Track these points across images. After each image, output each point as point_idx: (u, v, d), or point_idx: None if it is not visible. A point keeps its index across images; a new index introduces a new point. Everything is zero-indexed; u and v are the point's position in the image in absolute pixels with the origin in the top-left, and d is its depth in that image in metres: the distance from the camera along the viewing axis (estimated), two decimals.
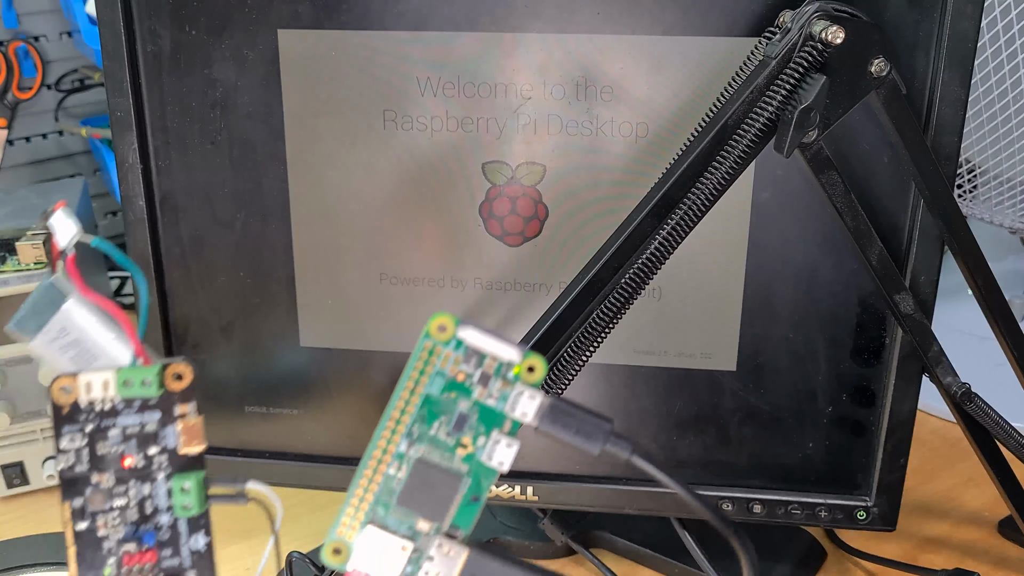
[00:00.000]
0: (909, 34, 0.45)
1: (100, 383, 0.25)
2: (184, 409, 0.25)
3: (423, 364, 0.25)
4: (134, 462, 0.25)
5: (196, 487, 0.25)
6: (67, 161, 0.93)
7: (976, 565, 0.58)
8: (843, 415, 0.52)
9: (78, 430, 0.25)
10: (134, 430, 0.25)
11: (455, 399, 0.25)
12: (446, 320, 0.25)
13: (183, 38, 0.49)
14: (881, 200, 0.47)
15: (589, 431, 0.25)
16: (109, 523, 0.25)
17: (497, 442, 0.25)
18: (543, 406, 0.25)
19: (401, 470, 0.25)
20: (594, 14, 0.46)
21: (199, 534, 0.26)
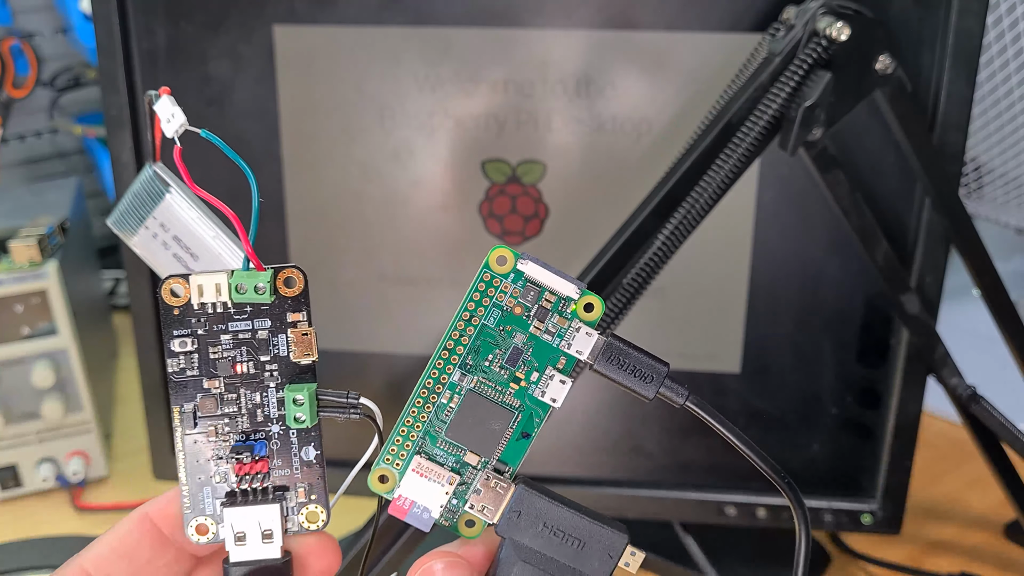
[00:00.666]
0: (914, 31, 0.44)
1: (212, 286, 0.24)
2: (296, 317, 0.25)
3: (480, 295, 0.25)
4: (245, 369, 0.24)
5: (309, 398, 0.24)
6: (61, 159, 0.92)
7: (981, 568, 0.57)
8: (848, 417, 0.51)
9: (189, 333, 0.24)
10: (246, 336, 0.24)
11: (511, 332, 0.25)
12: (506, 252, 0.24)
13: (178, 35, 0.48)
14: (886, 199, 0.47)
15: (644, 372, 0.24)
16: (219, 430, 0.25)
17: (551, 378, 0.25)
18: (599, 344, 0.24)
19: (453, 400, 0.25)
20: (595, 10, 0.46)
21: (310, 446, 0.25)
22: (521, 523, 0.24)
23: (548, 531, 0.24)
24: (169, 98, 0.24)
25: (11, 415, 0.62)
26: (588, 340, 0.24)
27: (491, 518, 0.25)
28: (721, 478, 0.53)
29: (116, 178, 0.51)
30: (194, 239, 0.25)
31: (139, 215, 0.25)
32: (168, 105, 0.24)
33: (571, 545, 0.24)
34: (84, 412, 0.64)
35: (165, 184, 0.25)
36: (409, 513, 0.25)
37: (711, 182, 0.41)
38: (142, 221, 0.25)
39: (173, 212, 0.25)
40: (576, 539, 0.24)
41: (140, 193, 0.25)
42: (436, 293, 0.51)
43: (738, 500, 0.52)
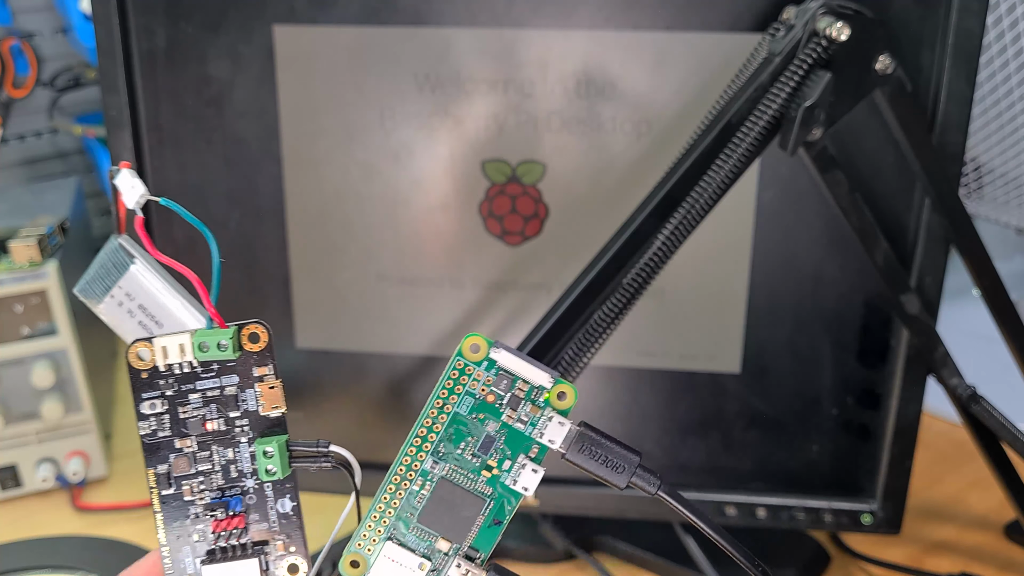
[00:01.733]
0: (914, 31, 0.44)
1: (176, 347, 0.24)
2: (263, 371, 0.25)
3: (453, 383, 0.25)
4: (216, 426, 0.25)
5: (279, 450, 0.25)
6: (61, 160, 0.92)
7: (982, 569, 0.57)
8: (848, 418, 0.51)
9: (158, 395, 0.25)
10: (214, 393, 0.25)
11: (483, 420, 0.25)
12: (479, 340, 0.24)
13: (178, 35, 0.48)
14: (886, 199, 0.47)
15: (617, 463, 0.24)
16: (195, 489, 0.25)
17: (523, 466, 0.25)
18: (572, 434, 0.24)
19: (425, 487, 0.25)
20: (596, 9, 0.46)
21: (285, 498, 0.25)
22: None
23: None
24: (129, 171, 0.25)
25: (11, 415, 0.62)
26: (561, 429, 0.24)
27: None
28: (721, 478, 0.53)
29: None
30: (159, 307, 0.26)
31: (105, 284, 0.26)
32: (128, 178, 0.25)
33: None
34: (84, 412, 0.64)
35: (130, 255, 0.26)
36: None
37: (711, 182, 0.41)
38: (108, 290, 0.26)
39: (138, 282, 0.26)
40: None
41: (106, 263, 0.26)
42: (436, 293, 0.51)
43: (738, 500, 0.52)
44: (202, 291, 0.25)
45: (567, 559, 0.59)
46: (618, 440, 0.25)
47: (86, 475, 0.65)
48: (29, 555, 0.59)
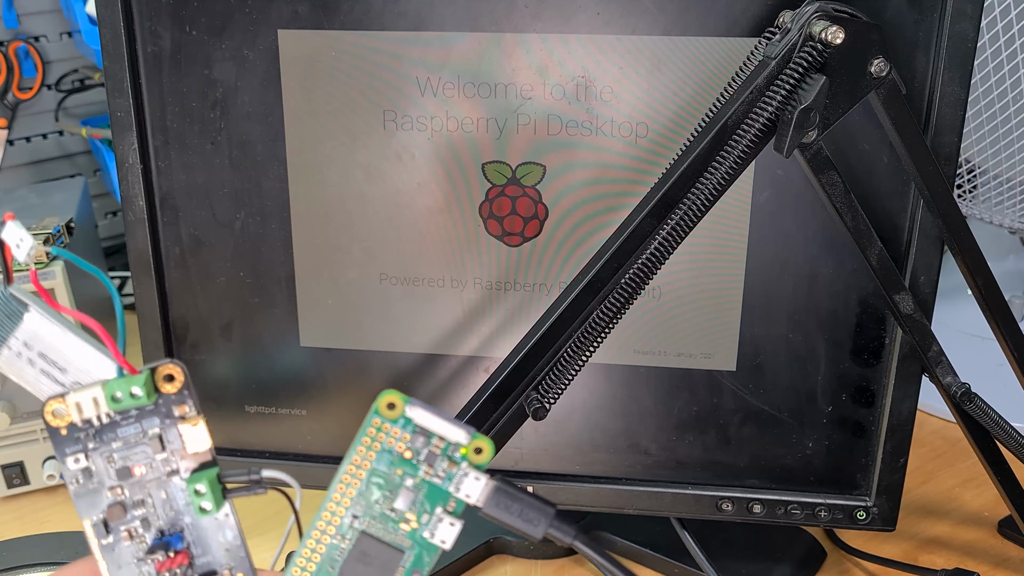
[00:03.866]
0: (909, 34, 0.45)
1: (90, 401, 0.24)
2: (183, 410, 0.25)
3: (370, 440, 0.25)
4: (144, 470, 0.25)
5: (210, 486, 0.25)
6: (67, 161, 0.93)
7: (976, 565, 0.58)
8: (843, 415, 0.52)
9: (80, 450, 0.24)
10: (137, 439, 0.25)
11: (401, 476, 0.25)
12: (395, 398, 0.25)
13: (183, 38, 0.49)
14: (881, 200, 0.47)
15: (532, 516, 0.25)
16: (134, 533, 0.25)
17: (440, 520, 0.25)
18: (488, 488, 0.25)
19: (345, 541, 0.25)
20: (594, 14, 0.46)
21: (225, 529, 0.25)
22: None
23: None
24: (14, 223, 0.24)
25: (17, 413, 0.63)
26: (477, 484, 0.25)
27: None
28: (717, 474, 0.54)
29: (121, 179, 0.51)
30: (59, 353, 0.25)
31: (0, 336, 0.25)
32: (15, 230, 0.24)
33: None
34: None
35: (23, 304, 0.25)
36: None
37: (707, 184, 0.42)
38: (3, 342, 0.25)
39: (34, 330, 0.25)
40: None
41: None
42: (437, 293, 0.52)
43: (734, 496, 0.53)
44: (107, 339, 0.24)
45: (566, 555, 0.60)
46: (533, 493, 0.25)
47: None
48: (36, 551, 0.59)
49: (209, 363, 0.55)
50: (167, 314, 0.53)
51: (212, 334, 0.54)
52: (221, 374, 0.55)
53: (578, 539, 0.25)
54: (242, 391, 0.55)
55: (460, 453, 0.25)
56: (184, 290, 0.53)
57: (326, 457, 0.56)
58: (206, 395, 0.56)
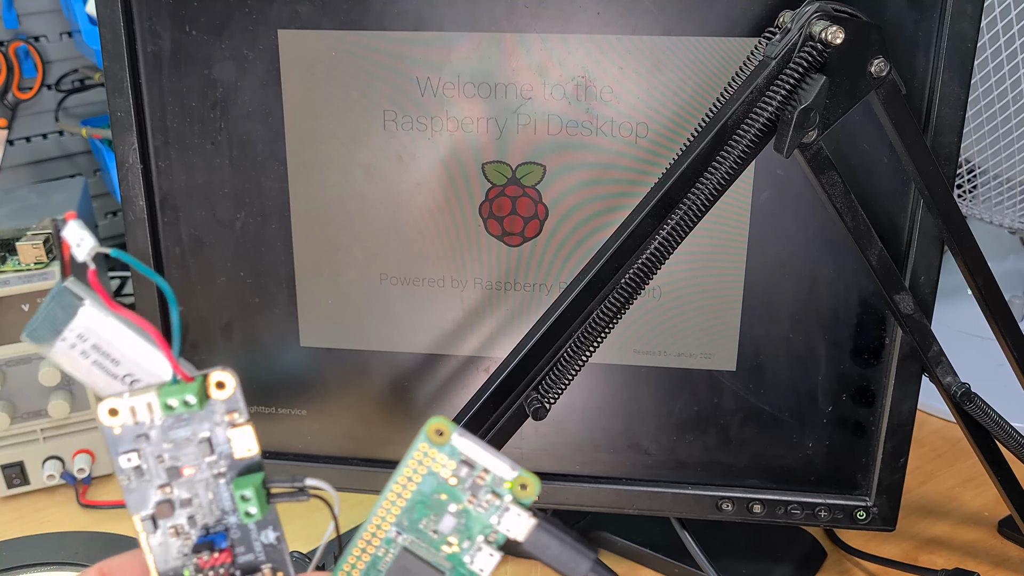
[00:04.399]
0: (909, 34, 0.45)
1: (144, 406, 0.25)
2: (232, 416, 0.26)
3: (417, 463, 0.25)
4: (193, 472, 0.26)
5: (255, 493, 0.25)
6: (67, 161, 0.93)
7: (976, 565, 0.58)
8: (843, 415, 0.52)
9: (133, 449, 0.25)
10: (187, 441, 0.26)
11: (446, 500, 0.25)
12: (443, 426, 0.25)
13: (183, 38, 0.49)
14: (881, 200, 0.48)
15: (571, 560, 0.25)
16: (180, 530, 0.26)
17: (480, 549, 0.25)
18: (530, 526, 0.25)
19: (388, 555, 0.25)
20: (594, 14, 0.46)
21: (268, 529, 0.26)
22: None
23: None
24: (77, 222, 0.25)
25: (17, 413, 0.63)
26: (518, 520, 0.25)
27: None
28: (717, 474, 0.54)
29: (121, 180, 0.51)
30: (112, 346, 0.26)
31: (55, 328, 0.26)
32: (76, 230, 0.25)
33: None
34: (90, 410, 0.64)
35: (79, 298, 0.26)
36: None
37: (708, 184, 0.42)
38: (59, 333, 0.26)
39: (89, 323, 0.26)
40: None
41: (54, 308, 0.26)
42: (438, 293, 0.52)
43: (734, 496, 0.53)
44: (162, 344, 0.25)
45: None
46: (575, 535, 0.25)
47: (92, 472, 0.65)
48: (36, 551, 0.59)
49: (209, 363, 0.54)
50: (167, 315, 0.53)
51: (212, 334, 0.54)
52: None
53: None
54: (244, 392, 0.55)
55: (505, 487, 0.25)
56: (184, 290, 0.53)
57: (326, 457, 0.56)
58: None
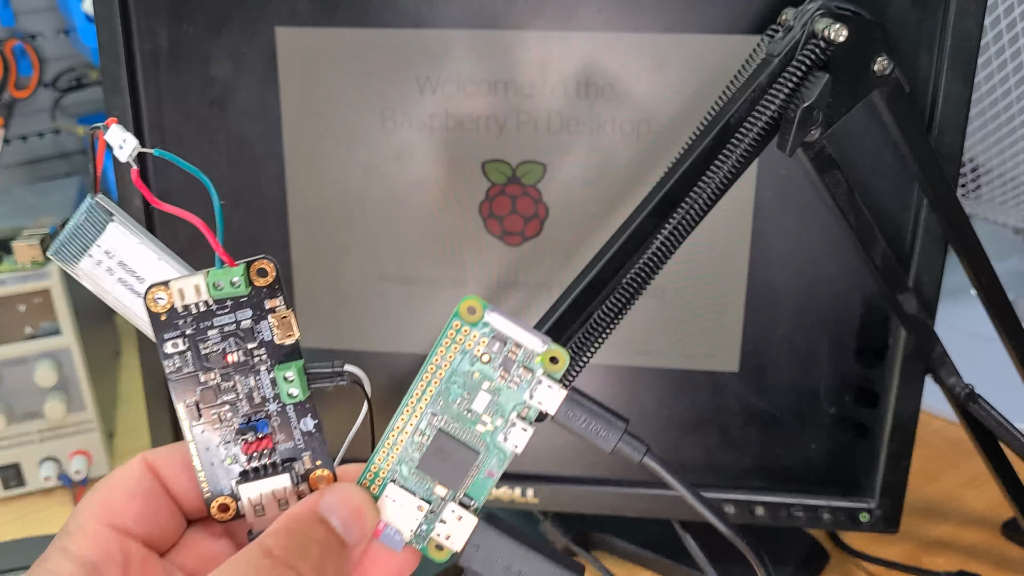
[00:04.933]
0: (912, 32, 0.44)
1: (192, 288, 0.26)
2: (274, 303, 0.26)
3: (450, 341, 0.26)
4: (236, 358, 0.26)
5: (298, 374, 0.26)
6: (64, 160, 0.93)
7: (979, 567, 0.58)
8: (846, 416, 0.52)
9: (178, 335, 0.26)
10: (231, 328, 0.26)
11: (478, 379, 0.26)
12: (475, 303, 0.26)
13: (180, 36, 0.49)
14: (884, 199, 0.47)
15: (604, 428, 0.26)
16: (223, 417, 0.27)
17: (513, 425, 0.26)
18: (561, 398, 0.25)
19: (424, 437, 0.26)
20: (595, 12, 0.46)
21: (307, 417, 0.27)
22: (480, 556, 0.26)
23: (505, 566, 0.26)
24: (118, 126, 0.26)
25: (14, 414, 0.63)
26: (550, 393, 0.25)
27: (455, 547, 0.26)
28: (719, 476, 0.53)
29: (118, 178, 0.51)
30: (140, 262, 0.27)
31: (83, 245, 0.26)
32: (119, 133, 0.26)
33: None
34: (87, 411, 0.64)
35: (108, 213, 0.27)
36: (383, 534, 0.26)
37: (710, 182, 0.42)
38: (86, 250, 0.26)
39: (117, 239, 0.26)
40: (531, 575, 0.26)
41: (83, 224, 0.26)
42: (437, 293, 0.52)
43: (736, 498, 0.53)
44: (208, 232, 0.26)
45: None
46: (606, 407, 0.25)
47: (89, 474, 0.65)
48: (32, 553, 0.59)
49: None
50: None
51: None
52: None
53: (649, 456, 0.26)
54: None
55: (536, 361, 0.25)
56: None
57: None
58: None
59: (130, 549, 0.25)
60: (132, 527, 0.26)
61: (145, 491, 0.26)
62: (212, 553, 0.27)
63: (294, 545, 0.24)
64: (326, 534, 0.25)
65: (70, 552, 0.24)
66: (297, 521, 0.25)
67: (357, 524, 0.25)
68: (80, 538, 0.25)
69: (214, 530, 0.28)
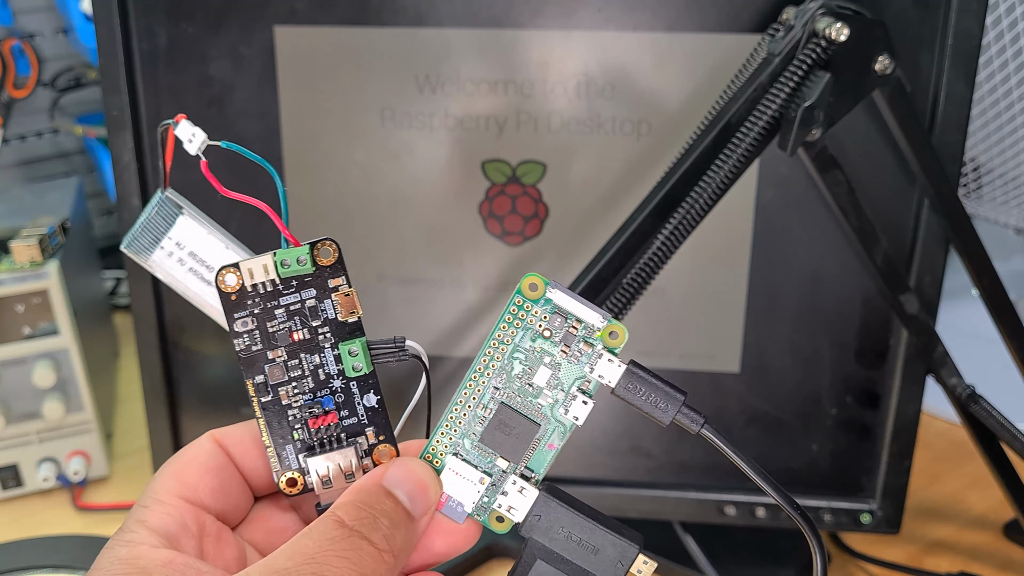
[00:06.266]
0: (913, 31, 0.44)
1: (260, 268, 0.27)
2: (337, 282, 0.27)
3: (512, 318, 0.27)
4: (302, 335, 0.27)
5: (362, 349, 0.27)
6: (62, 160, 0.92)
7: (981, 568, 0.58)
8: (847, 417, 0.51)
9: (247, 314, 0.27)
10: (296, 307, 0.27)
11: (540, 353, 0.27)
12: (537, 280, 0.26)
13: (179, 35, 0.48)
14: (885, 199, 0.47)
15: (663, 400, 0.26)
16: (290, 393, 0.27)
17: (574, 398, 0.27)
18: (621, 371, 0.26)
19: (487, 410, 0.27)
20: (595, 10, 0.46)
21: (370, 393, 0.28)
22: (542, 525, 0.27)
23: (566, 535, 0.27)
24: (187, 122, 0.27)
25: (12, 415, 0.62)
26: (610, 366, 0.26)
27: (517, 518, 0.27)
28: (720, 478, 0.53)
29: (117, 178, 0.51)
30: (210, 251, 0.28)
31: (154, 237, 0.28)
32: (188, 127, 0.27)
33: (587, 550, 0.26)
34: (85, 412, 0.64)
35: (178, 206, 0.28)
36: (445, 506, 0.27)
37: (710, 182, 0.41)
38: (157, 242, 0.28)
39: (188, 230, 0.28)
40: (592, 545, 0.26)
41: (155, 218, 0.28)
42: (436, 293, 0.52)
43: (738, 499, 0.52)
44: (274, 216, 0.27)
45: None
46: (665, 380, 0.26)
47: (87, 475, 0.65)
48: (30, 554, 0.59)
49: (204, 365, 0.54)
50: (162, 315, 0.53)
51: (208, 335, 0.53)
52: (217, 376, 0.54)
53: (706, 428, 0.26)
54: (238, 393, 0.54)
55: (596, 336, 0.26)
56: None
57: None
58: (202, 396, 0.55)
59: (204, 521, 0.26)
60: (206, 501, 0.27)
61: (218, 466, 0.27)
62: (281, 527, 0.28)
63: (364, 516, 0.25)
64: (393, 506, 0.26)
65: (148, 523, 0.25)
66: (366, 493, 0.26)
67: (422, 497, 0.26)
68: (158, 509, 0.26)
69: (282, 504, 0.29)
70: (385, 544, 0.24)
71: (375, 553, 0.24)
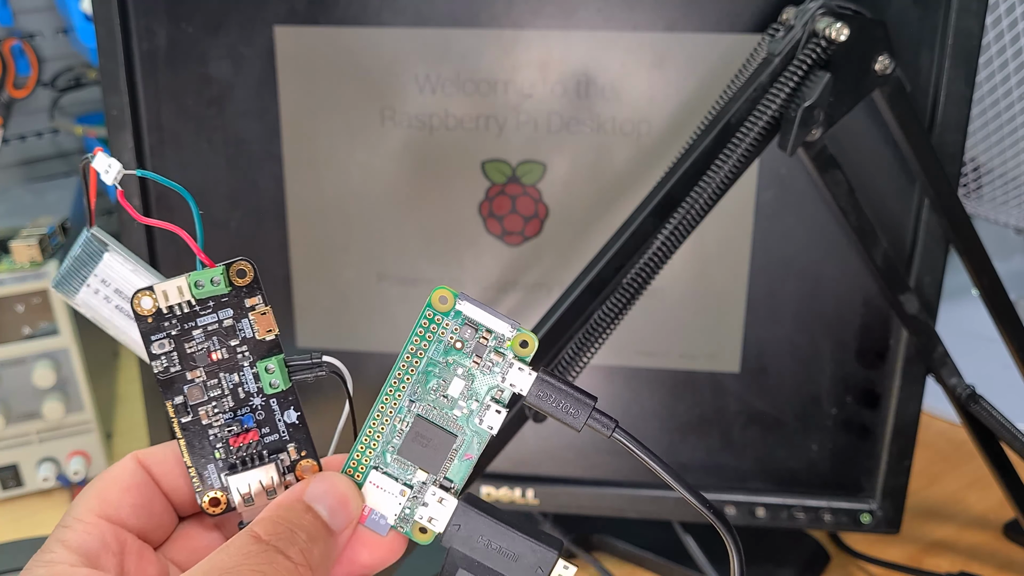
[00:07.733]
0: (913, 31, 0.44)
1: (175, 289, 0.27)
2: (253, 301, 0.27)
3: (424, 331, 0.27)
4: (220, 355, 0.27)
5: (279, 366, 0.28)
6: (62, 160, 0.92)
7: (981, 568, 0.58)
8: (847, 417, 0.51)
9: (164, 336, 0.27)
10: (213, 327, 0.27)
11: (452, 364, 0.27)
12: (446, 293, 0.27)
13: (179, 35, 0.48)
14: (885, 199, 0.47)
15: (573, 407, 0.27)
16: (210, 413, 0.28)
17: (488, 407, 0.27)
18: (532, 379, 0.27)
19: (403, 423, 0.27)
20: (595, 10, 0.46)
21: (290, 410, 0.28)
22: (462, 535, 0.27)
23: (486, 544, 0.27)
24: (102, 154, 0.27)
25: (12, 415, 0.62)
26: (521, 375, 0.27)
27: (438, 528, 0.27)
28: (720, 478, 0.53)
29: None
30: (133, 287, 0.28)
31: (81, 276, 0.28)
32: (104, 159, 0.27)
33: (507, 557, 0.27)
34: (85, 412, 0.64)
35: (103, 244, 0.28)
36: (368, 519, 0.27)
37: (710, 182, 0.41)
38: (84, 280, 0.28)
39: (112, 268, 0.28)
40: (512, 552, 0.27)
41: (81, 256, 0.28)
42: None
43: (737, 500, 0.52)
44: (187, 238, 0.27)
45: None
46: (575, 386, 0.27)
47: (87, 474, 0.65)
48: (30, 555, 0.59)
49: None
50: None
51: None
52: None
53: (617, 432, 0.27)
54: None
55: (507, 345, 0.27)
56: None
57: None
58: None
59: (126, 540, 0.26)
60: (127, 519, 0.27)
61: (139, 485, 0.27)
62: (204, 546, 0.28)
63: (281, 531, 0.25)
64: (312, 521, 0.26)
65: (67, 542, 0.25)
66: (284, 509, 0.26)
67: (342, 511, 0.26)
68: (78, 528, 0.26)
69: (206, 524, 0.29)
70: (301, 558, 0.24)
71: (291, 567, 0.24)
